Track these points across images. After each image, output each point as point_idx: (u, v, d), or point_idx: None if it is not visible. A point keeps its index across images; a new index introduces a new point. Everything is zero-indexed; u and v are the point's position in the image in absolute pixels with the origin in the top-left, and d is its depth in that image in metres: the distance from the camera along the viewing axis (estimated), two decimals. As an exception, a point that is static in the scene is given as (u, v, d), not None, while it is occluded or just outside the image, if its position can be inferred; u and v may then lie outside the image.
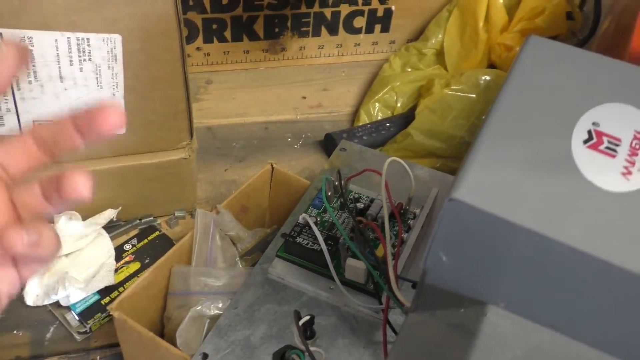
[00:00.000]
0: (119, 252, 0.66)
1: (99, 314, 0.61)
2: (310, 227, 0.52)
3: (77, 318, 0.61)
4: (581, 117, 0.28)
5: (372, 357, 0.46)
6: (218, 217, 0.57)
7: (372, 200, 0.56)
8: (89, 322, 0.60)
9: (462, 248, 0.26)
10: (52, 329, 0.61)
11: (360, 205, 0.55)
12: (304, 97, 0.91)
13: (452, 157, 0.78)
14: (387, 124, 0.82)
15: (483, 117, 0.77)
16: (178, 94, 0.58)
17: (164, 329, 0.54)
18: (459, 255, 0.26)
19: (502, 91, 0.30)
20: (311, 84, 0.93)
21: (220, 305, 0.49)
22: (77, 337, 0.61)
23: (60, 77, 0.54)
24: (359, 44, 0.96)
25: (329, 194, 0.55)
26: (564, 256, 0.24)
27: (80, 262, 0.61)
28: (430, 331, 0.29)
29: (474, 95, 0.78)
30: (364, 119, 0.85)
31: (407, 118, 0.82)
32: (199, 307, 0.48)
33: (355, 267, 0.48)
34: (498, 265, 0.26)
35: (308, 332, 0.46)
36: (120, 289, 0.63)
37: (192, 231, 0.56)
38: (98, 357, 0.60)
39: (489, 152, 0.27)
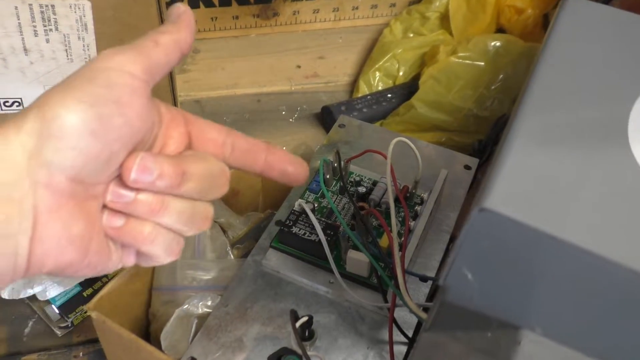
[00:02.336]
0: (102, 239, 0.61)
1: (81, 307, 0.56)
2: (307, 215, 0.47)
3: (58, 312, 0.56)
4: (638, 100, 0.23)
5: (377, 359, 0.42)
6: (206, 203, 0.52)
7: (374, 183, 0.51)
8: (70, 316, 0.56)
9: (493, 265, 0.21)
10: (30, 323, 0.57)
11: (361, 190, 0.50)
12: (299, 67, 0.85)
13: (459, 130, 0.72)
14: (389, 95, 0.77)
15: (492, 87, 0.71)
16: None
17: (149, 326, 0.50)
18: (488, 273, 0.22)
19: (538, 67, 0.25)
20: (306, 51, 0.87)
21: (209, 302, 0.45)
22: (58, 332, 0.56)
23: (25, 50, 0.48)
24: (357, 8, 0.89)
25: (327, 176, 0.50)
26: (621, 279, 0.19)
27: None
28: (451, 355, 0.25)
29: (482, 63, 0.72)
30: (363, 90, 0.79)
31: (410, 88, 0.76)
32: (186, 306, 0.44)
33: (357, 260, 0.44)
34: (536, 285, 0.21)
35: (306, 332, 0.42)
36: (104, 278, 0.58)
37: (178, 219, 0.51)
38: (81, 354, 0.55)
39: (527, 148, 0.22)
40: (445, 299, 0.23)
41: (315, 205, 0.50)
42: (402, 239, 0.44)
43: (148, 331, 0.51)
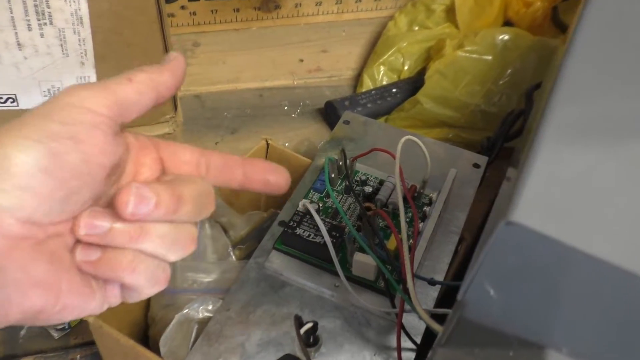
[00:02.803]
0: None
1: (79, 309, 0.55)
2: (311, 216, 0.45)
3: (54, 313, 0.55)
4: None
5: (384, 367, 0.40)
6: (207, 203, 0.50)
7: (381, 183, 0.50)
8: (67, 317, 0.54)
9: (518, 280, 0.20)
10: (26, 326, 0.56)
11: (367, 189, 0.48)
12: (301, 60, 0.83)
13: (466, 127, 0.71)
14: (394, 90, 0.75)
15: (500, 82, 0.70)
16: (157, 61, 0.51)
17: (148, 330, 0.48)
18: (513, 289, 0.20)
19: (568, 59, 0.23)
20: (309, 45, 0.85)
21: (210, 307, 0.43)
22: (55, 334, 0.55)
23: (18, 45, 0.46)
24: (360, 0, 0.87)
25: (332, 175, 0.49)
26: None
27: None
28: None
29: (489, 58, 0.70)
30: (367, 85, 0.78)
31: (415, 83, 0.75)
32: (186, 310, 0.42)
33: (364, 263, 0.42)
34: (564, 302, 0.19)
35: (311, 338, 0.40)
36: (102, 279, 0.57)
37: (178, 219, 0.49)
38: (78, 356, 0.54)
39: (557, 152, 0.20)
40: (463, 315, 0.22)
41: (320, 205, 0.48)
42: (411, 241, 0.43)
43: (147, 335, 0.49)
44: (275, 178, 0.28)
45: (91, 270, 0.23)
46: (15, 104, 0.54)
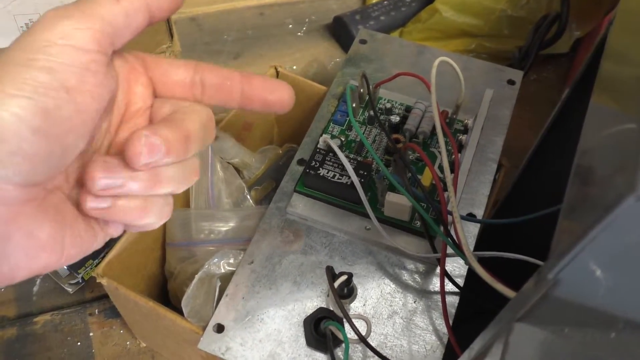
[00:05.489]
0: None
1: (90, 261, 0.52)
2: (334, 154, 0.40)
3: (66, 268, 0.52)
4: None
5: (426, 314, 0.37)
6: (216, 144, 0.46)
7: (408, 109, 0.45)
8: (79, 271, 0.51)
9: (636, 263, 0.15)
10: (38, 281, 0.53)
11: (394, 119, 0.43)
12: (304, -29, 0.75)
13: (490, 35, 0.64)
14: (408, -1, 0.68)
15: (529, -18, 0.62)
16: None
17: (167, 284, 0.45)
18: (625, 272, 0.16)
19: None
20: (310, -48, 0.77)
21: (231, 260, 0.40)
22: (69, 289, 0.52)
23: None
24: None
25: (354, 105, 0.44)
26: None
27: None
28: (559, 352, 0.20)
29: (516, -46, 0.63)
30: (378, -6, 0.70)
31: (432, -11, 0.67)
32: (206, 266, 0.39)
33: (398, 204, 0.38)
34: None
35: (345, 290, 0.37)
36: (111, 228, 0.53)
37: (187, 164, 0.45)
38: (96, 311, 0.52)
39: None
40: (554, 294, 0.18)
41: (342, 139, 0.43)
42: (453, 175, 0.38)
43: (165, 288, 0.46)
44: (275, 96, 0.24)
45: (101, 216, 0.21)
46: (-9, 43, 0.48)
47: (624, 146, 0.16)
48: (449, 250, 0.36)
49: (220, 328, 0.37)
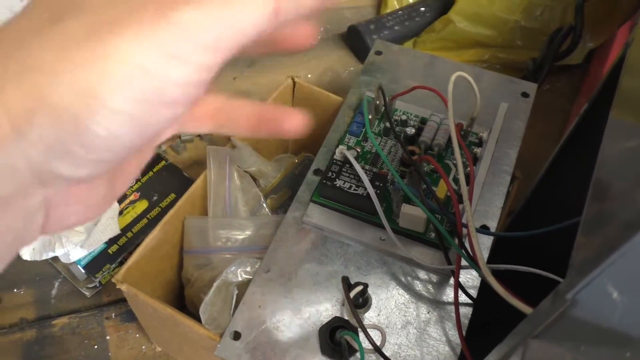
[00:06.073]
0: (121, 191, 0.56)
1: (108, 265, 0.53)
2: (350, 165, 0.41)
3: (84, 271, 0.53)
4: None
5: (439, 325, 0.38)
6: (234, 153, 0.47)
7: (423, 121, 0.45)
8: (97, 275, 0.52)
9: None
10: (56, 284, 0.54)
11: (410, 131, 0.44)
12: (319, -20, 0.76)
13: (504, 46, 0.65)
14: (422, 9, 0.69)
15: (544, -6, 0.63)
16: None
17: (183, 289, 0.46)
18: (644, 294, 0.16)
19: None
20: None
21: (248, 268, 0.40)
22: (86, 292, 0.53)
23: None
24: None
25: (370, 116, 0.44)
26: None
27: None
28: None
29: (531, -34, 0.63)
30: (392, 4, 0.71)
31: (446, 0, 0.68)
32: (224, 274, 0.40)
33: (413, 216, 0.39)
34: None
35: (360, 300, 0.38)
36: (129, 233, 0.54)
37: (205, 172, 0.45)
38: (113, 315, 0.52)
39: None
40: (572, 314, 0.18)
41: (358, 150, 0.44)
42: (468, 187, 0.39)
43: (182, 294, 0.47)
44: (288, 125, 0.23)
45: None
46: None
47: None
48: (463, 262, 0.36)
49: (237, 335, 0.37)
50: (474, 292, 0.39)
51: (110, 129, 0.16)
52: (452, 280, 0.39)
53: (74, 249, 0.50)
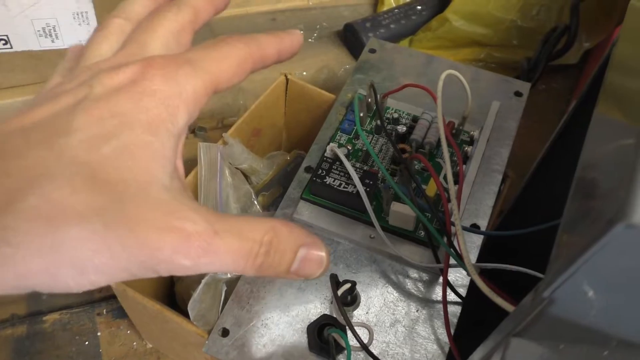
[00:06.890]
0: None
1: (100, 262, 0.53)
2: (341, 163, 0.41)
3: (75, 267, 0.52)
4: None
5: (428, 323, 0.38)
6: (226, 149, 0.46)
7: (414, 120, 0.45)
8: (88, 271, 0.52)
9: (628, 284, 0.16)
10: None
11: (401, 129, 0.44)
12: (316, -23, 0.76)
13: (500, 45, 0.65)
14: (419, 8, 0.68)
15: (540, -7, 0.63)
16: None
17: (174, 286, 0.46)
18: (620, 292, 0.16)
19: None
20: (323, -41, 0.77)
21: (237, 265, 0.40)
22: (78, 288, 0.53)
23: (2, -18, 0.41)
24: None
25: (361, 114, 0.44)
26: None
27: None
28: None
29: (527, -35, 0.63)
30: (389, 2, 0.71)
31: (442, -2, 0.68)
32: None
33: (403, 214, 0.39)
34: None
35: (348, 298, 0.38)
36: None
37: (196, 169, 0.45)
38: (104, 311, 0.52)
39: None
40: (549, 312, 0.18)
41: (349, 148, 0.44)
42: (457, 187, 0.39)
43: (172, 291, 0.47)
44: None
45: None
46: (8, 45, 0.49)
47: (622, 161, 0.16)
48: (452, 260, 0.36)
49: (225, 332, 0.37)
50: (463, 291, 0.39)
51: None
52: (441, 279, 0.39)
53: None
